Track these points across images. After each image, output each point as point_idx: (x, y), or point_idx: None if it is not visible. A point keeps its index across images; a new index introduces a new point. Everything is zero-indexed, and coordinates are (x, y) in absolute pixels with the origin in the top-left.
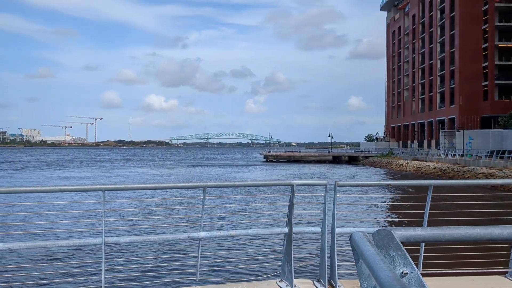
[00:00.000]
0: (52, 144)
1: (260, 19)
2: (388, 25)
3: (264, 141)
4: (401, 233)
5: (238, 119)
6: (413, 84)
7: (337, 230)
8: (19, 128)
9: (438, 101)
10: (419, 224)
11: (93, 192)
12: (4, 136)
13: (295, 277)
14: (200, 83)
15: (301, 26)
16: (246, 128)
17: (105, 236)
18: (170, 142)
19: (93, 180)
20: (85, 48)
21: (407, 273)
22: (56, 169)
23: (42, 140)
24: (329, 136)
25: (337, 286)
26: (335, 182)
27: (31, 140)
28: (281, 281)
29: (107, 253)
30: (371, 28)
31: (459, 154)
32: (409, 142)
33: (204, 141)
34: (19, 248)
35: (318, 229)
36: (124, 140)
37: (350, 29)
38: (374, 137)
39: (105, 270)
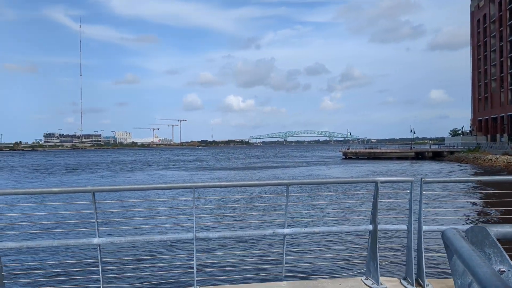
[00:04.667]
0: (142, 145)
1: (332, 15)
2: (472, 13)
3: (342, 138)
4: (496, 229)
5: (314, 117)
6: (501, 74)
7: (424, 227)
8: (112, 131)
9: None
10: None
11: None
12: (99, 139)
13: (381, 275)
14: (275, 82)
15: (374, 19)
16: (323, 126)
17: (196, 231)
18: (249, 141)
19: (186, 178)
20: (166, 53)
21: (504, 271)
22: (155, 168)
23: (132, 142)
24: (411, 131)
25: (425, 285)
26: (421, 178)
27: (123, 142)
28: (366, 278)
29: (197, 247)
30: (451, 17)
31: None
32: (498, 135)
33: (283, 140)
34: (119, 242)
35: (404, 227)
36: (207, 140)
37: (427, 19)
38: (460, 131)
39: (197, 264)
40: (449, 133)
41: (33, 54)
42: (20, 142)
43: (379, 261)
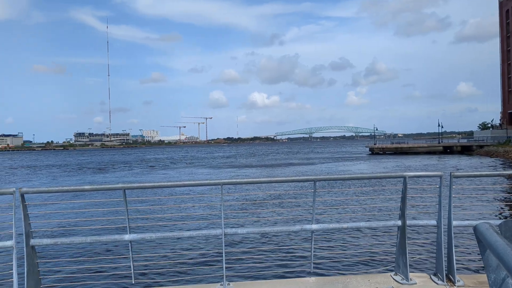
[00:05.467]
0: (169, 143)
1: (356, 9)
2: (500, 4)
3: (368, 133)
4: None
5: (340, 112)
6: None
7: (454, 223)
8: (140, 129)
9: None
10: None
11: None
12: (128, 138)
13: (411, 271)
14: (299, 78)
15: (398, 12)
16: (348, 121)
17: (224, 228)
18: (275, 137)
19: (214, 175)
20: (190, 51)
21: None
22: (183, 166)
23: (160, 140)
24: (438, 125)
25: (456, 281)
26: (450, 173)
27: (151, 140)
28: (395, 274)
29: (226, 243)
30: (478, 8)
31: None
32: None
33: (308, 136)
34: (150, 239)
35: (433, 222)
36: (232, 138)
37: (454, 11)
38: (489, 125)
39: (225, 260)
40: (478, 126)
41: (61, 55)
42: (52, 141)
43: (408, 257)
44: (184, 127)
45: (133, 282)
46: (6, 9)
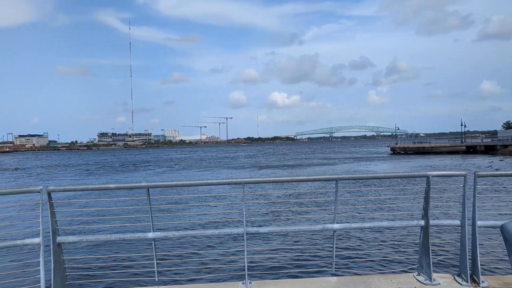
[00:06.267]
0: (190, 143)
1: (376, 8)
2: None
3: (390, 133)
4: None
5: (360, 111)
6: None
7: (479, 223)
8: (161, 129)
9: None
10: None
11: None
12: (150, 138)
13: (434, 271)
14: (320, 77)
15: (419, 10)
16: (369, 120)
17: (246, 226)
18: (295, 137)
19: (236, 174)
20: (210, 52)
21: None
22: (204, 165)
23: (181, 139)
24: (461, 124)
25: (481, 282)
26: (475, 172)
27: (172, 140)
28: (418, 274)
29: (247, 242)
30: (502, 5)
31: None
32: None
33: (328, 135)
34: (173, 237)
35: (457, 222)
36: (252, 137)
37: (476, 8)
38: None
39: (247, 258)
40: (502, 126)
41: (84, 57)
42: (76, 141)
43: (432, 257)
44: (205, 127)
45: (156, 280)
46: (33, 12)
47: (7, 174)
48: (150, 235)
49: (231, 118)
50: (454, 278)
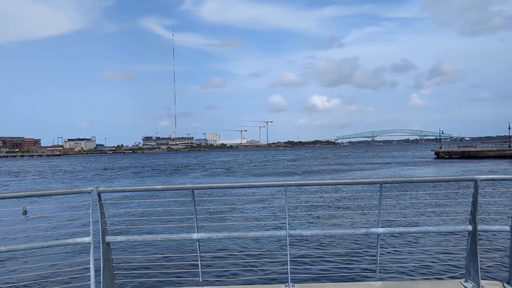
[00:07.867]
0: (231, 146)
1: (418, 9)
2: None
3: (434, 137)
4: None
5: (403, 115)
6: None
7: None
8: (203, 133)
9: None
10: None
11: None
12: (192, 141)
13: (482, 278)
14: (360, 80)
15: (462, 10)
16: (412, 124)
17: (289, 229)
18: (336, 141)
19: (278, 177)
20: (250, 56)
21: None
22: (246, 169)
23: (222, 143)
24: (509, 128)
25: None
26: None
27: (213, 143)
28: (466, 281)
29: (290, 245)
30: None
31: None
32: None
33: (370, 139)
34: (216, 238)
35: (507, 228)
36: (293, 141)
37: None
38: None
39: (290, 261)
40: None
41: (129, 63)
42: (122, 145)
43: (480, 263)
44: (246, 130)
45: (200, 280)
46: (82, 20)
47: (61, 174)
48: (195, 236)
49: (271, 122)
50: (504, 285)
